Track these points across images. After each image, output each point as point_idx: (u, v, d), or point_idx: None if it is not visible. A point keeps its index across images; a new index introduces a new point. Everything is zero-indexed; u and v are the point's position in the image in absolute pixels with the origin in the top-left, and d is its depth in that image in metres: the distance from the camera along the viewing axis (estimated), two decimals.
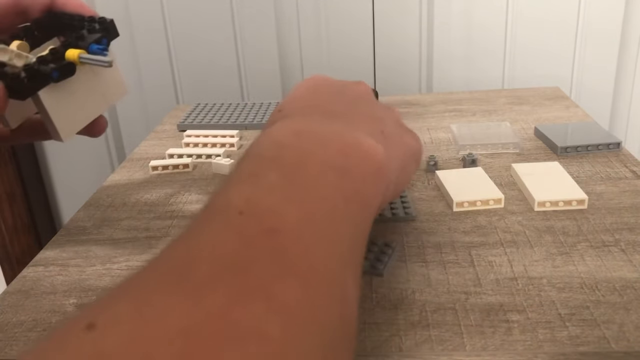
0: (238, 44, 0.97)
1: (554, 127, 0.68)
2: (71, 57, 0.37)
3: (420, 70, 0.97)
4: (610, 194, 0.53)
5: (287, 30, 0.96)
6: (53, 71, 0.36)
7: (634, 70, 0.94)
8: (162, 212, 0.55)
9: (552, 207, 0.51)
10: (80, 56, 0.37)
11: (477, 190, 0.53)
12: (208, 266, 0.20)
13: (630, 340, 0.35)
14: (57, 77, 0.37)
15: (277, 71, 0.98)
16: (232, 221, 0.23)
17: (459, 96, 0.86)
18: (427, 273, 0.43)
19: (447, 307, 0.39)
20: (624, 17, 0.91)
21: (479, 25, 0.93)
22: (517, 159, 0.62)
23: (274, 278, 0.20)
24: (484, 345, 0.35)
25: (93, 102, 0.41)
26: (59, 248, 0.51)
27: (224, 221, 0.23)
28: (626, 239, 0.46)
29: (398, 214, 0.51)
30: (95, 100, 0.41)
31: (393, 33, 0.95)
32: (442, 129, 0.73)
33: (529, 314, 0.38)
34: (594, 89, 0.95)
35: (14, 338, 0.40)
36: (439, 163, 0.62)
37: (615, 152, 0.62)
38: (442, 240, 0.47)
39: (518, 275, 0.42)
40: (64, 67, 0.37)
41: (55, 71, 0.36)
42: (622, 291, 0.40)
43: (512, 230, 0.48)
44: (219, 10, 0.95)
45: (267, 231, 0.22)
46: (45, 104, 0.38)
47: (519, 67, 0.95)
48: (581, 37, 0.92)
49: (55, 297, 0.44)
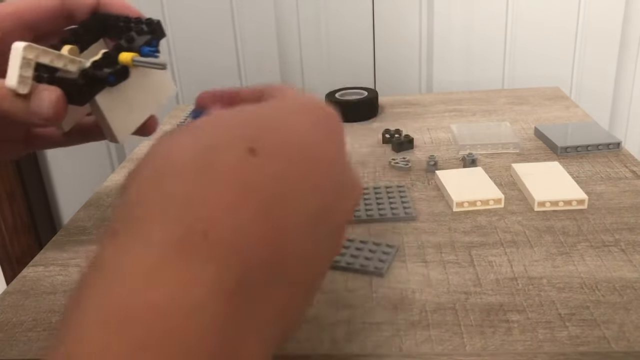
0: (238, 44, 0.97)
1: (554, 127, 0.68)
2: (125, 61, 0.37)
3: (420, 70, 0.97)
4: (610, 194, 0.53)
5: (287, 30, 0.96)
6: (109, 75, 0.36)
7: (634, 70, 0.94)
8: None
9: (552, 207, 0.51)
10: (134, 59, 0.37)
11: (477, 190, 0.53)
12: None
13: (630, 340, 0.35)
14: (113, 81, 0.37)
15: (277, 71, 0.98)
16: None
17: (459, 96, 0.86)
18: (427, 273, 0.43)
19: (447, 307, 0.39)
20: (624, 17, 0.91)
21: (479, 26, 0.93)
22: (517, 159, 0.62)
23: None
24: (484, 345, 0.35)
25: (145, 103, 0.42)
26: (59, 248, 0.51)
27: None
28: (626, 239, 0.46)
29: (398, 214, 0.51)
30: (147, 100, 0.42)
31: (393, 33, 0.95)
32: (442, 129, 0.73)
33: (529, 314, 0.38)
34: (594, 89, 0.95)
35: (14, 338, 0.40)
36: (439, 163, 0.62)
37: (615, 152, 0.62)
38: (442, 240, 0.47)
39: (518, 275, 0.42)
40: (119, 71, 0.37)
41: (112, 75, 0.37)
42: (622, 291, 0.40)
43: (512, 230, 0.48)
44: (219, 10, 0.95)
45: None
46: (102, 107, 0.38)
47: (519, 67, 0.95)
48: (581, 37, 0.92)
49: (55, 297, 0.44)
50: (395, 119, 0.78)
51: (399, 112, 0.80)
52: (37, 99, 0.35)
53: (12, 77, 0.35)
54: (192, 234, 0.21)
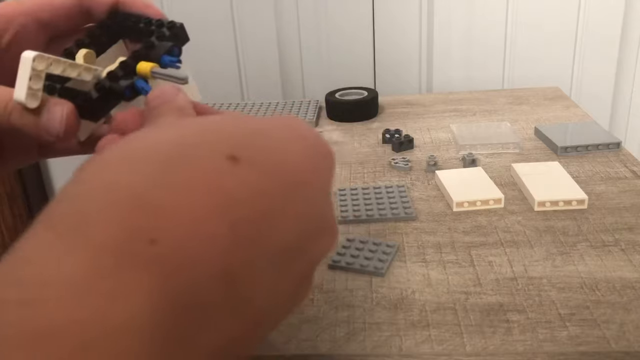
0: (238, 44, 0.97)
1: (554, 127, 0.68)
2: (143, 72, 0.34)
3: (420, 70, 0.97)
4: (610, 193, 0.53)
5: (287, 30, 0.96)
6: (125, 89, 0.33)
7: (633, 70, 0.94)
8: None
9: (552, 207, 0.51)
10: (153, 71, 0.34)
11: (477, 190, 0.53)
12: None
13: (630, 340, 0.35)
14: (129, 95, 0.34)
15: (277, 71, 0.98)
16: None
17: (459, 96, 0.86)
18: (427, 273, 0.43)
19: (447, 307, 0.39)
20: (623, 17, 0.91)
21: (479, 25, 0.93)
22: (517, 158, 0.62)
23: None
24: (484, 345, 0.35)
25: None
26: None
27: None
28: (626, 239, 0.46)
29: (398, 213, 0.51)
30: None
31: (393, 33, 0.95)
32: (442, 129, 0.73)
33: (529, 313, 0.38)
34: (594, 89, 0.95)
35: None
36: (439, 163, 0.62)
37: (615, 152, 0.62)
38: (442, 240, 0.47)
39: (518, 275, 0.42)
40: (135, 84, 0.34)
41: (128, 89, 0.33)
42: (622, 291, 0.40)
43: (512, 230, 0.48)
44: (219, 11, 0.95)
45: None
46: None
47: (519, 67, 0.95)
48: (581, 37, 0.92)
49: None
50: (395, 119, 0.78)
51: (399, 112, 0.80)
52: (48, 115, 0.33)
53: (20, 90, 0.32)
54: (137, 241, 0.18)
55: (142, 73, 0.34)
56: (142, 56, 0.35)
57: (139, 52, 0.35)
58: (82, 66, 0.34)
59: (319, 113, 0.81)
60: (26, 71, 0.32)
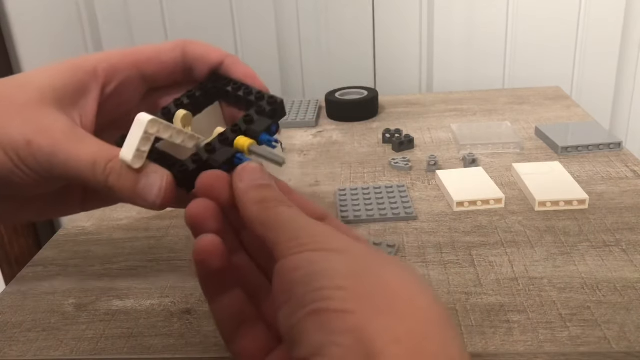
0: (238, 44, 0.97)
1: (555, 127, 0.68)
2: (241, 147, 0.33)
3: (420, 70, 0.97)
4: (611, 193, 0.53)
5: (287, 30, 0.96)
6: (222, 166, 0.32)
7: (634, 69, 0.94)
8: (162, 212, 0.55)
9: (553, 207, 0.51)
10: (251, 149, 0.32)
11: (477, 190, 0.53)
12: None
13: (631, 340, 0.35)
14: (225, 170, 0.32)
15: (277, 71, 0.98)
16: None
17: (460, 96, 0.86)
18: (427, 273, 0.43)
19: (448, 308, 0.39)
20: (624, 17, 0.91)
21: (480, 25, 0.93)
22: (518, 158, 0.62)
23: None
24: (485, 346, 0.35)
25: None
26: (59, 248, 0.51)
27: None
28: (627, 239, 0.46)
29: (398, 213, 0.51)
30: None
31: (393, 33, 0.94)
32: (442, 128, 0.73)
33: (530, 314, 0.38)
34: (595, 89, 0.95)
35: (13, 338, 0.40)
36: (440, 163, 0.62)
37: (616, 152, 0.62)
38: (442, 240, 0.47)
39: (519, 276, 0.42)
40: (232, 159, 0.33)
41: (225, 165, 0.32)
42: (623, 291, 0.39)
43: (513, 230, 0.48)
44: (219, 11, 0.95)
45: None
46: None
47: (519, 67, 0.95)
48: (582, 36, 0.92)
49: (55, 297, 0.44)
50: (395, 119, 0.77)
51: (399, 112, 0.80)
52: (146, 182, 0.31)
53: (129, 151, 0.31)
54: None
55: (240, 148, 0.33)
56: (240, 130, 0.34)
57: (238, 126, 0.34)
58: (187, 134, 0.33)
59: (319, 113, 0.81)
60: (138, 133, 0.31)
